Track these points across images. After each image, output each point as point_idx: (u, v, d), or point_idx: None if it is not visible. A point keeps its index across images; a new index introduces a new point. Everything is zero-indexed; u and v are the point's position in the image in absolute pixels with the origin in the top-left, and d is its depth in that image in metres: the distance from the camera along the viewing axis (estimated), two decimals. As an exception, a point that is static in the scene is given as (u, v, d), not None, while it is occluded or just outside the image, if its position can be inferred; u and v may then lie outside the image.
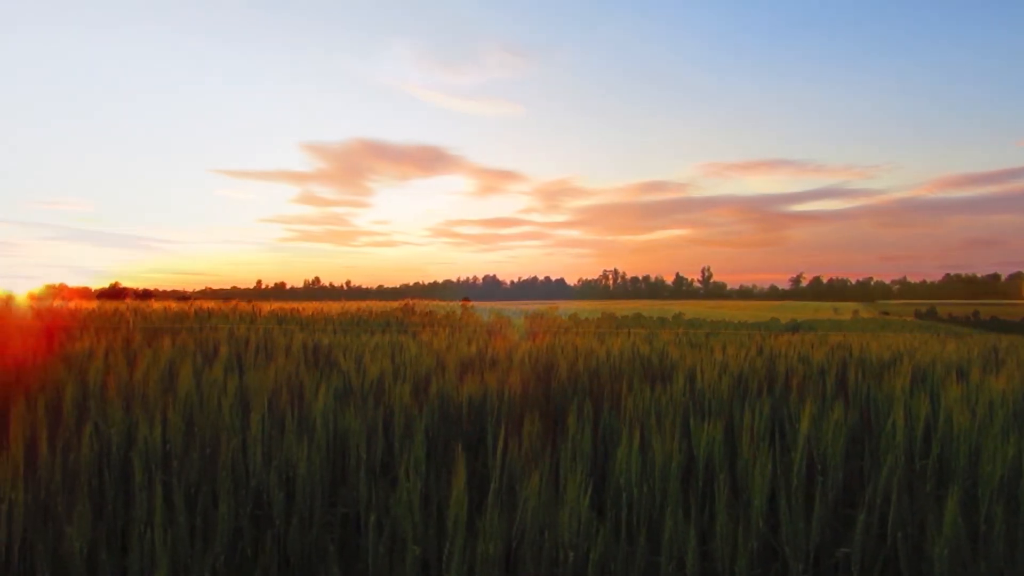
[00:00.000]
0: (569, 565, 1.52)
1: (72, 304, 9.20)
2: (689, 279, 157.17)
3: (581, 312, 17.58)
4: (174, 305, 8.65)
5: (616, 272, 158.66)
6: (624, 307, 28.01)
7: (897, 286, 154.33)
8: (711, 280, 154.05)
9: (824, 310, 42.61)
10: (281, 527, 1.81)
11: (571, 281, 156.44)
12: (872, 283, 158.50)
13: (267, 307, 10.16)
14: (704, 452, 2.18)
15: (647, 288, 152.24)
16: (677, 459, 1.89)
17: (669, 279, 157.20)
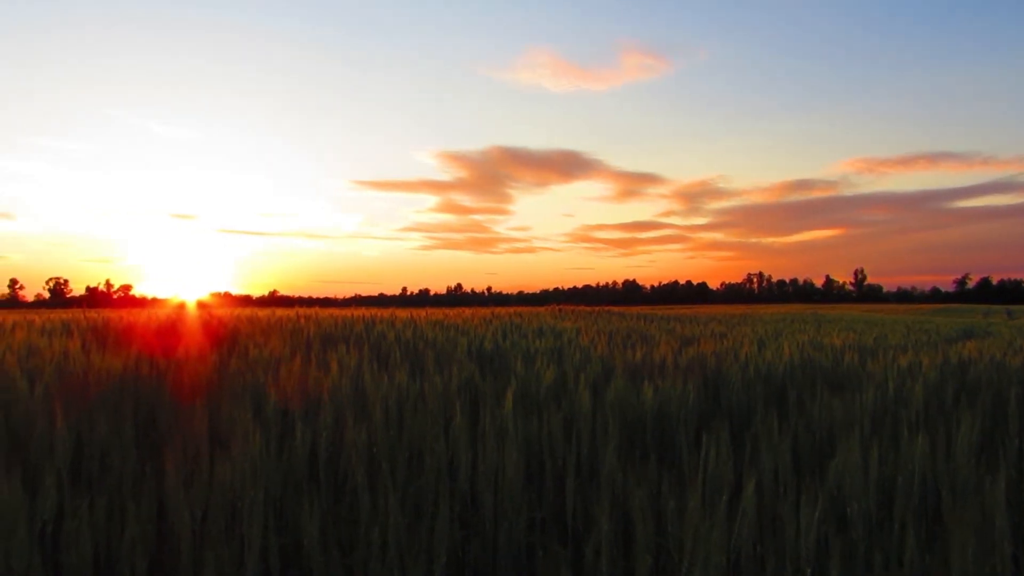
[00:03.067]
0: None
1: (248, 311, 9.82)
2: (841, 282, 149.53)
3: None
4: (338, 312, 9.06)
5: (761, 275, 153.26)
6: (772, 311, 26.97)
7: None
8: (865, 282, 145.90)
9: (996, 313, 39.33)
10: (491, 530, 1.84)
11: (713, 285, 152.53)
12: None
13: (423, 313, 10.47)
14: (919, 466, 2.04)
15: (795, 291, 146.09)
16: (904, 472, 1.78)
17: (818, 282, 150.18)
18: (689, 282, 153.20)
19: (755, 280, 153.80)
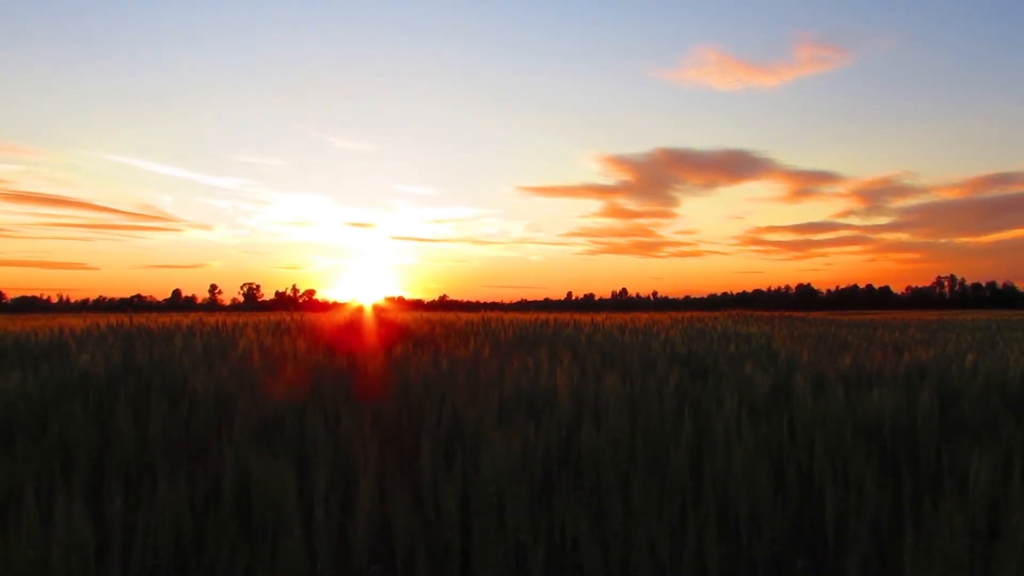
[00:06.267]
0: None
1: (436, 315, 10.23)
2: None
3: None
4: (520, 316, 9.25)
5: (953, 279, 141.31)
6: (971, 317, 24.77)
7: None
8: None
9: None
10: (745, 538, 1.80)
11: (897, 289, 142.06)
12: None
13: (600, 317, 10.48)
14: None
15: (992, 296, 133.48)
16: None
17: (1021, 285, 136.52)
18: (870, 286, 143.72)
19: (946, 283, 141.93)
